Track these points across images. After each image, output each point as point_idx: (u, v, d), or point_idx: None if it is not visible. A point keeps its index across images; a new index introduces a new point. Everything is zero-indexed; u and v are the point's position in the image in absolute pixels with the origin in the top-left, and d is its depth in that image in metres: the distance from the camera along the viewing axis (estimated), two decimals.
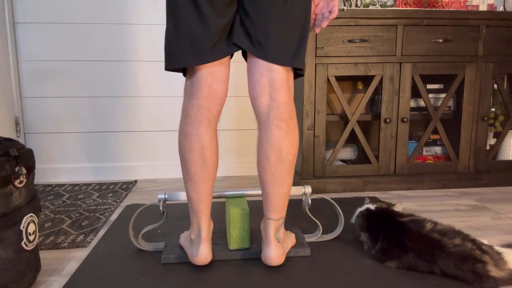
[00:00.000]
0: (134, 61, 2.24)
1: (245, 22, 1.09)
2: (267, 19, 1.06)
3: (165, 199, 1.29)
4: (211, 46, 1.07)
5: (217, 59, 1.09)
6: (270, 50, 1.08)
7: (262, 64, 1.11)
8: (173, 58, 1.10)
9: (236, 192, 1.35)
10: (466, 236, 1.13)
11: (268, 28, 1.06)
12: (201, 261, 1.17)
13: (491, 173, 2.09)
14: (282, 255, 1.18)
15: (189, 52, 1.07)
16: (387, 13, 1.90)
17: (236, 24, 1.09)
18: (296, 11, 1.08)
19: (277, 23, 1.06)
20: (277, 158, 1.11)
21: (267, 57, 1.09)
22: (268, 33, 1.07)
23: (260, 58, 1.10)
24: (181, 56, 1.08)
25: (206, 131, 1.11)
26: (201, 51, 1.07)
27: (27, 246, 1.04)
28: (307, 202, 1.35)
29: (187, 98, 1.14)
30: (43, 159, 2.26)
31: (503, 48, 2.01)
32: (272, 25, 1.06)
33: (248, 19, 1.08)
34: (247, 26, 1.08)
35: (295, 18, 1.09)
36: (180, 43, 1.07)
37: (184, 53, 1.08)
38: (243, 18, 1.09)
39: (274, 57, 1.09)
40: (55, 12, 2.15)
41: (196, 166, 1.11)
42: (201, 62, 1.08)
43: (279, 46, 1.08)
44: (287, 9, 1.07)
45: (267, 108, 1.12)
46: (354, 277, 1.14)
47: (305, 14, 1.11)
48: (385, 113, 1.99)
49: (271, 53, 1.08)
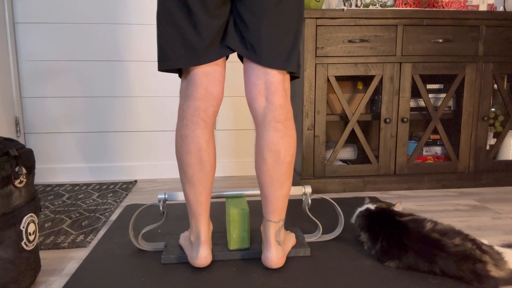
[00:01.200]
0: (134, 61, 2.24)
1: (239, 25, 1.08)
2: (260, 22, 1.05)
3: (165, 199, 1.29)
4: (204, 47, 1.06)
5: (211, 61, 1.08)
6: (263, 53, 1.07)
7: (257, 67, 1.10)
8: (165, 58, 1.10)
9: (235, 192, 1.35)
10: (466, 236, 1.13)
11: (261, 31, 1.06)
12: (201, 263, 1.16)
13: (491, 173, 2.09)
14: (282, 258, 1.17)
15: (181, 53, 1.07)
16: (387, 13, 1.90)
17: (230, 27, 1.09)
18: (289, 15, 1.08)
19: (269, 27, 1.06)
20: (275, 160, 1.10)
21: (260, 61, 1.08)
22: (261, 36, 1.06)
23: (253, 62, 1.10)
24: (173, 57, 1.08)
25: (203, 133, 1.10)
26: (194, 52, 1.06)
27: (27, 246, 1.04)
28: (307, 202, 1.35)
29: (183, 100, 1.13)
30: (43, 159, 2.26)
31: (503, 48, 2.01)
32: (264, 28, 1.06)
33: (241, 22, 1.07)
34: (241, 29, 1.08)
35: (288, 21, 1.08)
36: (173, 44, 1.07)
37: (176, 53, 1.07)
38: (236, 21, 1.09)
39: (266, 61, 1.08)
40: (55, 12, 2.15)
41: (193, 169, 1.11)
42: (194, 63, 1.07)
43: (272, 50, 1.07)
44: (280, 12, 1.06)
45: (264, 110, 1.12)
46: (354, 277, 1.14)
47: (298, 18, 1.11)
48: (385, 113, 1.99)
49: (264, 57, 1.08)
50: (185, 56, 1.07)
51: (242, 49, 1.09)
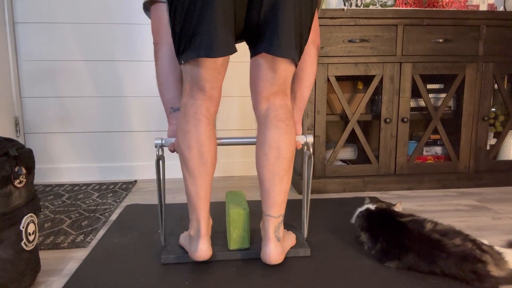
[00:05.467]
0: (134, 61, 2.24)
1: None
2: (276, 19, 1.07)
3: (162, 144, 1.26)
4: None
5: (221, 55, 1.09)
6: (277, 43, 1.08)
7: (263, 66, 1.13)
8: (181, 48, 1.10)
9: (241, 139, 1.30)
10: (466, 236, 1.13)
11: (278, 25, 1.07)
12: (201, 256, 1.17)
13: (491, 173, 2.09)
14: (281, 254, 1.18)
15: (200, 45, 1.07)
16: (387, 13, 1.90)
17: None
18: (305, 11, 1.10)
19: (286, 23, 1.07)
20: (276, 156, 1.14)
21: (273, 51, 1.09)
22: (278, 28, 1.07)
23: (265, 52, 1.10)
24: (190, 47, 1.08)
25: (205, 129, 1.13)
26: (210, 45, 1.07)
27: (26, 246, 1.04)
28: (308, 154, 1.31)
29: (186, 98, 1.16)
30: (43, 159, 2.25)
31: (503, 48, 2.01)
32: (282, 23, 1.07)
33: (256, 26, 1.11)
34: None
35: (303, 17, 1.11)
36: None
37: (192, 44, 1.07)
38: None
39: (279, 50, 1.09)
40: (55, 12, 2.15)
41: (194, 163, 1.14)
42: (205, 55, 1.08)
43: (285, 40, 1.08)
44: (297, 9, 1.08)
45: (266, 110, 1.17)
46: (354, 277, 1.14)
47: (312, 12, 1.13)
48: (385, 113, 1.99)
49: (277, 46, 1.08)
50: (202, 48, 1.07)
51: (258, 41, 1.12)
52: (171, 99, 1.25)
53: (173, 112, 1.25)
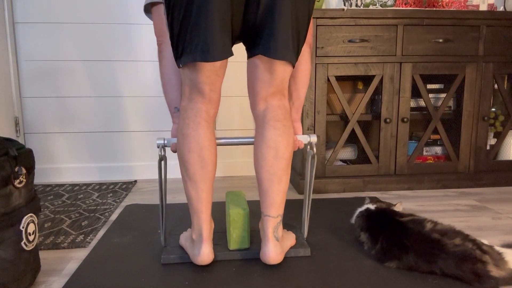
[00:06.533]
0: (134, 61, 2.24)
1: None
2: (272, 21, 1.07)
3: (164, 144, 1.26)
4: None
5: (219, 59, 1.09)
6: (274, 45, 1.09)
7: (260, 67, 1.14)
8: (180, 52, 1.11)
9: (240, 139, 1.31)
10: (466, 236, 1.13)
11: (274, 28, 1.07)
12: (203, 260, 1.17)
13: (491, 173, 2.09)
14: (280, 253, 1.18)
15: (198, 48, 1.07)
16: (387, 13, 1.90)
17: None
18: (301, 13, 1.10)
19: (282, 24, 1.07)
20: (274, 156, 1.14)
21: (270, 53, 1.09)
22: (274, 31, 1.08)
23: (263, 54, 1.10)
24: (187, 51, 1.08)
25: (205, 132, 1.13)
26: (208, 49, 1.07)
27: (26, 246, 1.04)
28: (311, 153, 1.31)
29: (185, 102, 1.16)
30: (42, 159, 2.25)
31: (503, 48, 2.01)
32: (278, 25, 1.07)
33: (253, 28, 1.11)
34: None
35: (300, 17, 1.11)
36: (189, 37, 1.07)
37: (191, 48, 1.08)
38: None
39: (276, 53, 1.09)
40: (55, 12, 2.15)
41: (195, 166, 1.13)
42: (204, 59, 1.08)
43: (282, 42, 1.09)
44: (294, 11, 1.08)
45: (264, 111, 1.17)
46: (354, 277, 1.14)
47: (308, 15, 1.13)
48: (385, 113, 1.99)
49: (275, 49, 1.09)
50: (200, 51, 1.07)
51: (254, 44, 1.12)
52: (175, 99, 1.25)
53: (177, 112, 1.25)
